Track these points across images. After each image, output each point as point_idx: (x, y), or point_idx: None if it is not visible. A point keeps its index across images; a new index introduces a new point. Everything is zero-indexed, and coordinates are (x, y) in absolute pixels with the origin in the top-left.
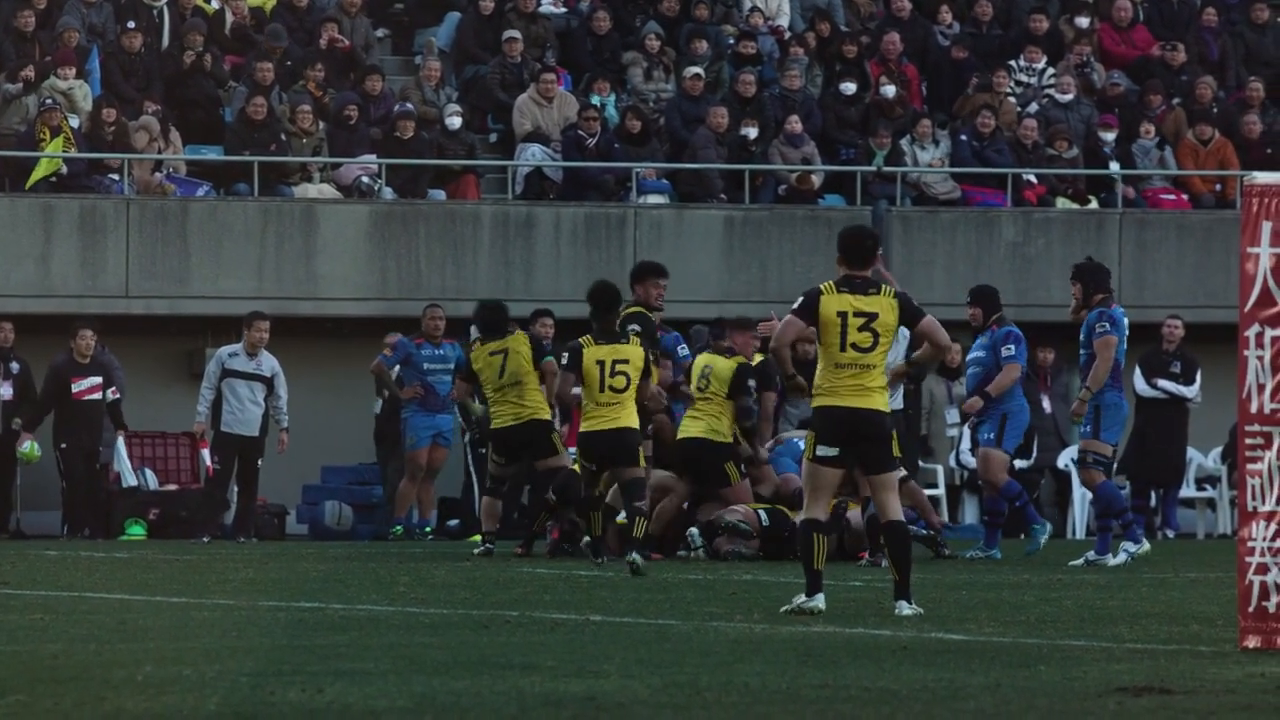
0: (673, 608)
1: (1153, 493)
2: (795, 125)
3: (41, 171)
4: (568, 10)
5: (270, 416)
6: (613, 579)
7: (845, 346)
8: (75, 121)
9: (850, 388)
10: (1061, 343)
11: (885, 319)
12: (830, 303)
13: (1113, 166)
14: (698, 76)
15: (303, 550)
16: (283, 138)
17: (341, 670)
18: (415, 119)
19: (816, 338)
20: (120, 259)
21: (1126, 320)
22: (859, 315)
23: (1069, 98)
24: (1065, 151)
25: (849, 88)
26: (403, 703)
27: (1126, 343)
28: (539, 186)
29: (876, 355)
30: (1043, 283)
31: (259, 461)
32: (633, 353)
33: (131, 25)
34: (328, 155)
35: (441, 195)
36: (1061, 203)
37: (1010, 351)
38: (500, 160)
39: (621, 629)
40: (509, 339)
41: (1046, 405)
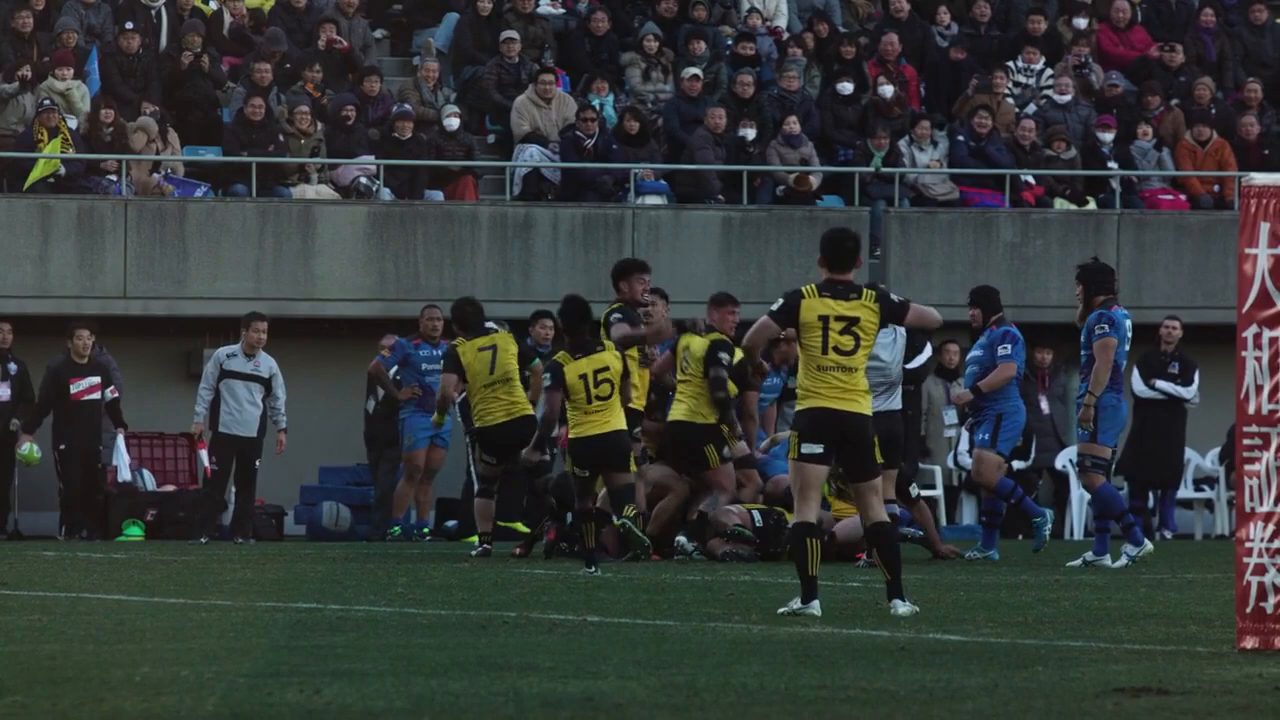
0: (670, 609)
1: (1150, 494)
2: (793, 126)
3: (39, 172)
4: (566, 11)
5: (268, 417)
6: (610, 580)
7: (827, 349)
8: (73, 122)
9: (834, 390)
10: (1059, 343)
11: (866, 322)
12: (812, 306)
13: (1111, 166)
14: (696, 77)
15: (300, 551)
16: (281, 138)
17: (339, 671)
18: (413, 120)
19: (797, 339)
20: (118, 260)
21: (1130, 322)
22: (840, 319)
23: (1067, 99)
24: (1063, 152)
25: (846, 87)
26: (400, 704)
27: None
28: (537, 187)
29: (859, 357)
30: (1040, 284)
31: (257, 462)
32: (610, 360)
33: (129, 26)
34: (326, 156)
35: (439, 196)
36: (1059, 204)
37: (1007, 350)
38: (498, 161)
39: (619, 630)
40: (496, 335)
41: (1044, 406)
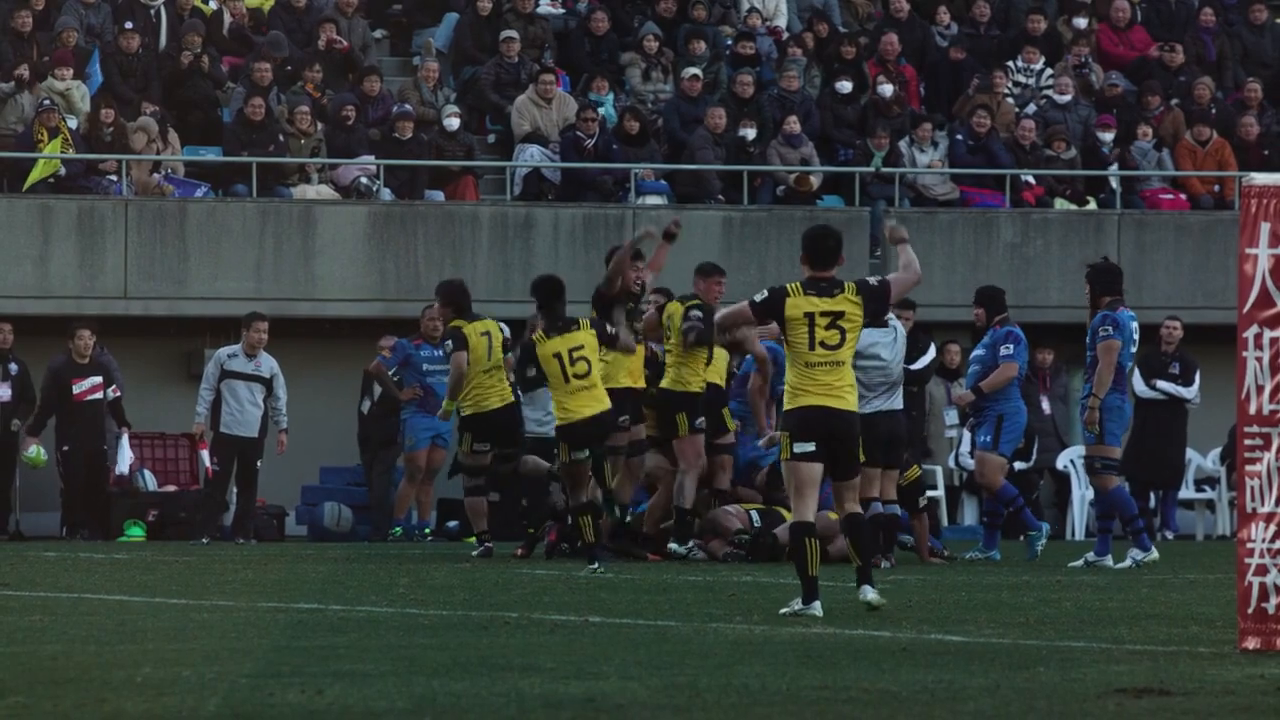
0: (672, 609)
1: (1152, 494)
2: (793, 126)
3: (40, 172)
4: (566, 11)
5: (269, 417)
6: (612, 581)
7: (814, 345)
8: (73, 122)
9: (822, 387)
10: (1060, 344)
11: (851, 315)
12: (796, 304)
13: (1111, 167)
14: (696, 77)
15: (302, 551)
16: (281, 138)
17: (341, 672)
18: (413, 120)
19: (783, 336)
20: (119, 260)
21: (1136, 324)
22: (825, 315)
23: (1067, 98)
24: (1063, 152)
25: (845, 87)
26: (402, 704)
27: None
28: (537, 187)
29: (845, 351)
30: (1041, 284)
31: (258, 462)
32: (585, 338)
33: (129, 26)
34: (326, 156)
35: (440, 196)
36: (1060, 204)
37: (1009, 350)
38: (499, 161)
39: (621, 630)
40: (487, 321)
41: (1046, 406)
